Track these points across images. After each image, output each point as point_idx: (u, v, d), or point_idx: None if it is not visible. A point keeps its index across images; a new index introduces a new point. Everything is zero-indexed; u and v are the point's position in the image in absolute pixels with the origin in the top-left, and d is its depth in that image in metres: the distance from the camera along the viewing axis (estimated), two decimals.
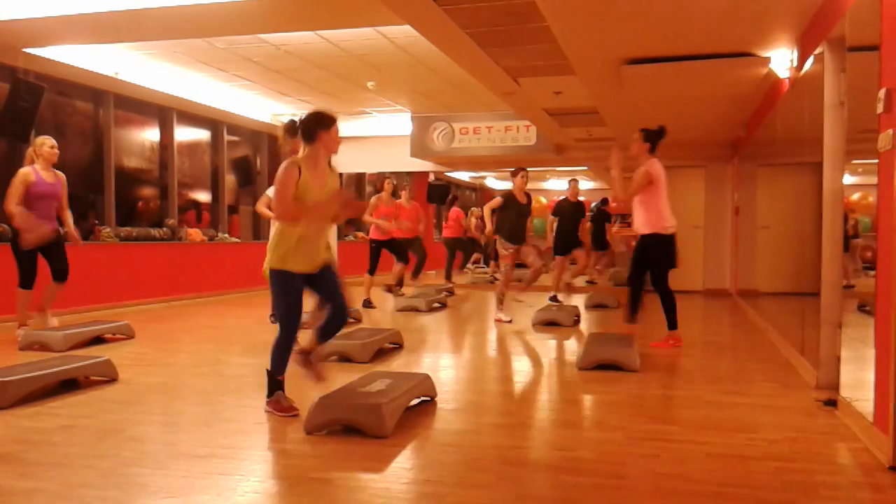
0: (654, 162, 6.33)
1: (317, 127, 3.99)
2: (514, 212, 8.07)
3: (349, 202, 4.21)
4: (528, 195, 8.23)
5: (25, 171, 6.31)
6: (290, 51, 8.71)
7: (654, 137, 6.37)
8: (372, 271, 9.91)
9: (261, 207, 7.85)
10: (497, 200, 8.17)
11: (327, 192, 4.04)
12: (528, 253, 8.25)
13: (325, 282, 4.10)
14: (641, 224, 6.39)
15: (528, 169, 8.37)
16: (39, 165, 6.38)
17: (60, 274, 6.51)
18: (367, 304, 9.80)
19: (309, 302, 4.17)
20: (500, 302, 8.41)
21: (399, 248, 10.17)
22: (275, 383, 4.10)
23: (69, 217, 6.66)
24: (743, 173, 10.83)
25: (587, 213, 11.43)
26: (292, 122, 4.17)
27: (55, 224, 6.52)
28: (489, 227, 8.36)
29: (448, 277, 13.46)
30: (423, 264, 10.96)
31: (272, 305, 7.62)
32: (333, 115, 4.07)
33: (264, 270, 4.09)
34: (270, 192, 7.54)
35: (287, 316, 4.07)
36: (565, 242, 10.33)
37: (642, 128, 6.42)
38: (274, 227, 4.16)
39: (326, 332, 4.13)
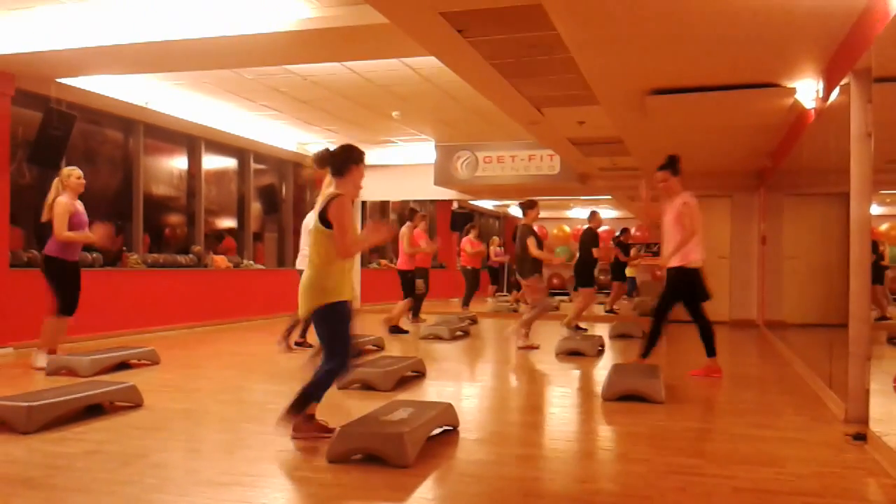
0: (691, 195, 6.35)
1: (349, 161, 4.08)
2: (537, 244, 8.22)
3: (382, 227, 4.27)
4: None
5: (66, 202, 6.43)
6: (316, 81, 8.83)
7: (674, 166, 6.39)
8: (408, 296, 10.15)
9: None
10: (533, 239, 8.19)
11: None
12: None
13: None
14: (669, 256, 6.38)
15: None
16: (67, 196, 6.49)
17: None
18: (396, 329, 9.81)
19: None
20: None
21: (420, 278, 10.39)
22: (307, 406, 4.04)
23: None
24: (769, 203, 10.75)
25: (599, 244, 11.38)
26: (325, 150, 4.18)
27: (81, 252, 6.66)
28: (556, 259, 8.29)
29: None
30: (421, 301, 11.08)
31: (302, 333, 7.69)
32: (362, 150, 4.17)
33: (311, 308, 4.02)
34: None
35: (346, 345, 4.04)
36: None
37: (659, 167, 6.43)
38: (315, 268, 4.04)
39: (319, 384, 4.09)
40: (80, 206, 6.59)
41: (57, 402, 4.41)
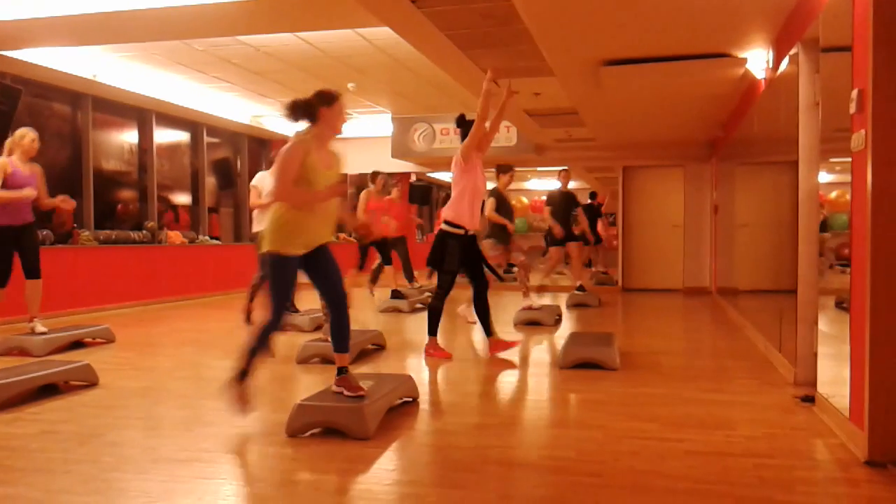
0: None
1: (318, 104, 3.86)
2: (504, 211, 8.10)
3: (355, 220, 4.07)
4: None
5: (3, 162, 6.21)
6: (269, 52, 8.69)
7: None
8: (361, 267, 9.67)
9: (253, 201, 7.43)
10: (492, 202, 8.03)
11: (334, 175, 3.92)
12: (517, 250, 8.39)
13: (318, 264, 3.92)
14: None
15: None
16: (17, 157, 6.28)
17: (31, 272, 6.37)
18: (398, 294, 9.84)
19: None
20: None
21: (385, 247, 9.92)
22: (247, 370, 3.86)
23: (48, 199, 6.49)
24: (721, 172, 10.92)
25: (579, 203, 11.25)
26: (294, 101, 3.91)
27: (31, 217, 6.40)
28: (511, 225, 8.10)
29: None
30: (410, 264, 10.77)
31: (245, 307, 7.48)
32: (336, 91, 3.94)
33: (262, 252, 3.93)
34: (257, 181, 7.41)
35: (279, 299, 3.87)
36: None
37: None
38: (272, 210, 3.89)
39: (338, 337, 3.98)
40: (27, 168, 6.31)
41: (10, 383, 4.34)
